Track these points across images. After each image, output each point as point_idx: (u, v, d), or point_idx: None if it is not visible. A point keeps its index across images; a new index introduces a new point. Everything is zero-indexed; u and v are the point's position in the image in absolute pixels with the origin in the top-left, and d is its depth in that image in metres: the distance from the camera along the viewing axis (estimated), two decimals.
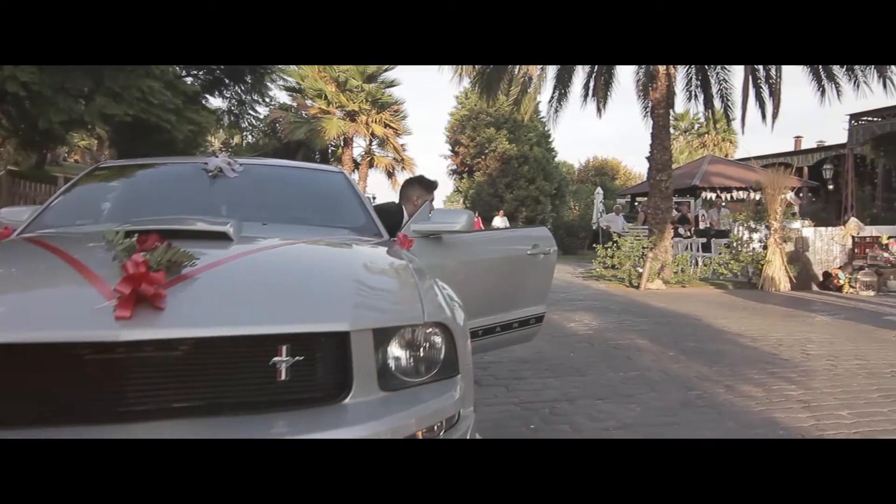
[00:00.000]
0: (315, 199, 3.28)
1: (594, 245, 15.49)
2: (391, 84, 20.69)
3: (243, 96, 13.59)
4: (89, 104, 8.53)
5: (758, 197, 11.28)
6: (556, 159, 31.46)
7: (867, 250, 10.43)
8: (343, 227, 2.90)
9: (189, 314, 1.46)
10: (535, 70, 10.87)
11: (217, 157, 3.21)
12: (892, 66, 11.34)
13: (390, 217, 3.74)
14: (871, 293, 9.63)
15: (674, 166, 40.39)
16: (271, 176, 3.40)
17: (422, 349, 1.72)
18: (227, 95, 13.56)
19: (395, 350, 1.67)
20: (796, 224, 10.90)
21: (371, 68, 19.75)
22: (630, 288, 10.79)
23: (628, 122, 72.36)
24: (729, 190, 20.17)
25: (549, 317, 7.35)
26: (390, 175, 21.75)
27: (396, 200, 4.21)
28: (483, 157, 24.60)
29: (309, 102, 19.82)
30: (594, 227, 21.33)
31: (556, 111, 15.14)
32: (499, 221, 20.58)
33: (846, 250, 10.55)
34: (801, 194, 20.72)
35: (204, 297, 1.56)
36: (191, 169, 3.20)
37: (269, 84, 13.80)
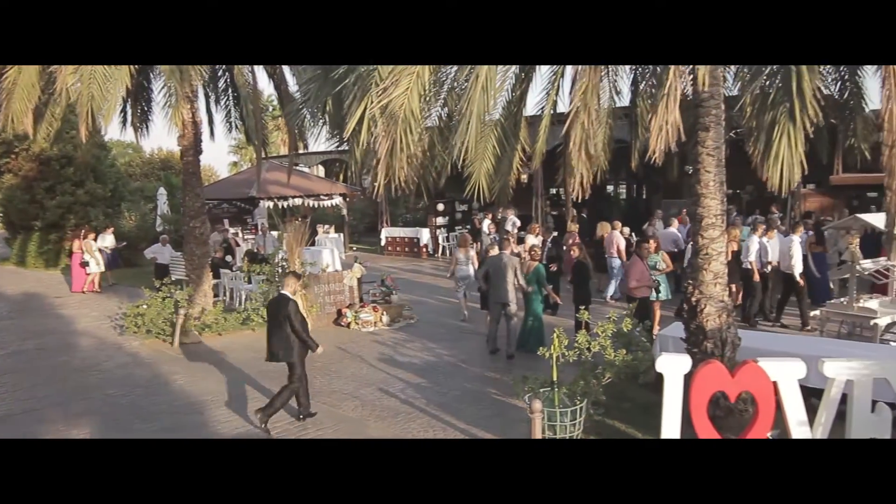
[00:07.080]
0: None
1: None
2: None
3: None
4: None
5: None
6: (125, 147, 28.67)
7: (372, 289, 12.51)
8: None
9: None
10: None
11: None
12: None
13: None
14: (371, 328, 11.62)
15: (246, 163, 39.83)
16: None
17: None
18: None
19: None
20: (317, 268, 12.36)
21: None
22: (165, 344, 10.77)
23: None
24: (286, 198, 21.48)
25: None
26: None
27: None
28: (13, 156, 20.92)
29: None
30: (158, 230, 20.22)
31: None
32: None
33: (354, 290, 12.45)
34: (347, 199, 23.44)
35: None
36: None
37: None
